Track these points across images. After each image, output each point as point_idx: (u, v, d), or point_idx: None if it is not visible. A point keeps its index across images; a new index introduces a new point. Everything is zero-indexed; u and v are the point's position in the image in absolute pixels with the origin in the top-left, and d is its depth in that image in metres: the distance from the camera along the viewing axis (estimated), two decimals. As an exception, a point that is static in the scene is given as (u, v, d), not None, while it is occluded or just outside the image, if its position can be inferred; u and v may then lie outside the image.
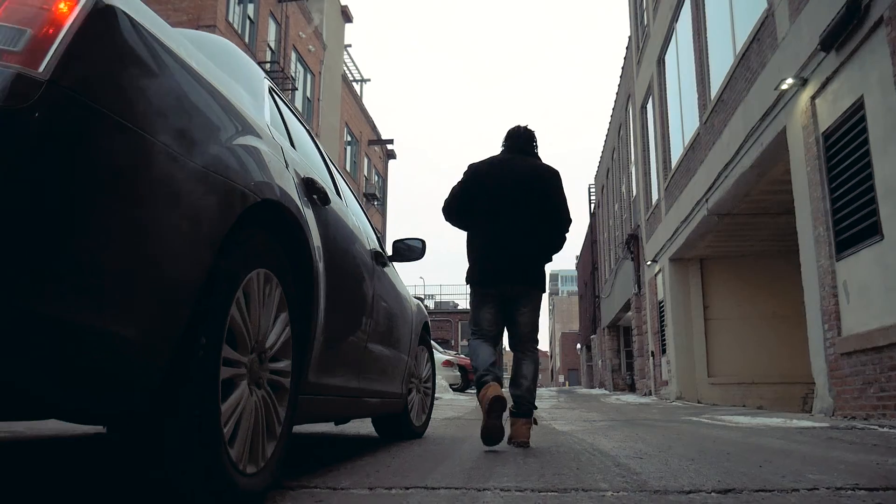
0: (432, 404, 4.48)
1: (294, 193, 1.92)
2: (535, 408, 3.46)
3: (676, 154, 12.85)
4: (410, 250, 3.65)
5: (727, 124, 9.24)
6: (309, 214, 2.04)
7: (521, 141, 3.65)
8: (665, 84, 13.92)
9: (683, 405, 11.00)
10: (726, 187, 9.38)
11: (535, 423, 3.44)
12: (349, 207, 2.89)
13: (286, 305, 1.86)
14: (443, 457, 2.99)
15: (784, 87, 6.80)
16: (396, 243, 3.66)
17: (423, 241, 3.65)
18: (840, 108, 5.99)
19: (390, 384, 3.38)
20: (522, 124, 3.71)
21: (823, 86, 6.26)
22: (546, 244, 3.55)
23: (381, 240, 3.70)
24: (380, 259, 3.06)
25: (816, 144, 6.41)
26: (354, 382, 2.66)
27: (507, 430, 3.36)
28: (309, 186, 2.11)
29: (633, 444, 3.70)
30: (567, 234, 3.60)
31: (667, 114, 13.84)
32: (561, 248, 3.61)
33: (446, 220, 3.69)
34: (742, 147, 8.56)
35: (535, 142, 3.69)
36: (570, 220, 3.58)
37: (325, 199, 2.23)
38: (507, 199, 3.46)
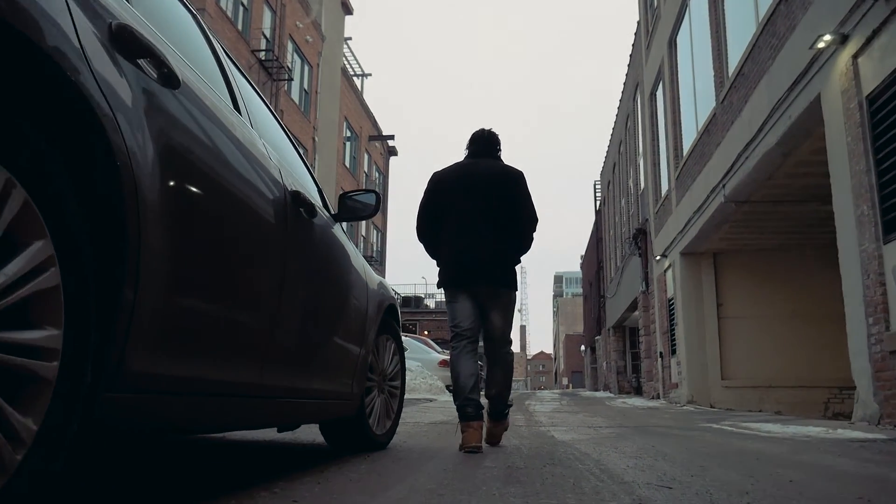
0: (400, 408, 3.62)
1: (69, 28, 1.07)
2: (510, 405, 3.54)
3: (689, 139, 11.96)
4: (363, 206, 2.80)
5: (748, 100, 8.37)
6: (118, 82, 1.19)
7: (484, 144, 3.66)
8: (676, 66, 13.04)
9: (696, 410, 10.11)
10: (746, 170, 8.50)
11: (507, 427, 3.58)
12: (256, 129, 2.05)
13: (45, 228, 1.02)
14: (392, 482, 2.14)
15: (821, 45, 5.92)
16: (344, 198, 2.81)
17: (376, 193, 2.80)
18: (890, 66, 5.11)
19: (330, 380, 2.53)
20: (486, 127, 3.73)
21: (869, 41, 5.38)
22: (514, 245, 3.53)
23: (326, 197, 2.86)
24: (306, 207, 2.21)
25: (859, 110, 5.54)
26: (252, 376, 1.81)
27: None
28: (126, 41, 1.26)
29: (651, 460, 2.84)
30: (535, 234, 3.60)
31: (678, 98, 12.95)
32: (529, 248, 3.60)
33: (419, 240, 3.68)
34: (766, 123, 7.68)
35: (499, 145, 3.70)
36: (536, 220, 3.58)
37: (168, 78, 1.38)
38: (473, 201, 3.45)
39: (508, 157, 3.65)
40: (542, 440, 3.99)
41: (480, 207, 3.43)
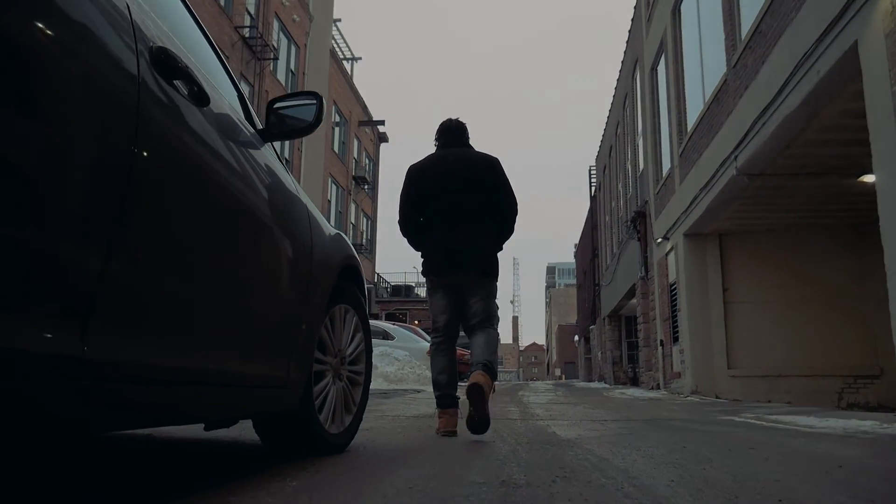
0: (365, 399, 2.82)
1: None
2: (495, 376, 3.35)
3: (695, 112, 11.17)
4: (300, 119, 1.99)
5: (766, 60, 7.58)
6: None
7: (454, 134, 3.67)
8: (680, 36, 12.24)
9: (702, 401, 9.37)
10: (763, 138, 7.73)
11: (494, 389, 3.46)
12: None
13: None
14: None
15: (862, -20, 5.15)
16: (274, 108, 2.00)
17: (318, 98, 1.99)
18: (950, -3, 4.36)
19: (244, 359, 1.74)
20: (453, 118, 3.73)
21: (922, -29, 4.62)
22: (495, 231, 3.55)
23: (255, 115, 2.05)
24: (187, 82, 1.41)
25: (909, 53, 4.78)
26: (63, 343, 1.02)
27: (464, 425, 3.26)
28: None
29: (698, 470, 2.07)
30: (516, 219, 3.61)
31: (682, 69, 12.16)
32: (510, 233, 3.61)
33: (403, 234, 3.65)
34: (787, 83, 6.90)
35: (467, 133, 3.71)
36: (516, 204, 3.59)
37: None
38: (451, 190, 3.46)
39: (503, 147, 2.96)
40: (542, 438, 3.23)
41: (461, 196, 3.45)
